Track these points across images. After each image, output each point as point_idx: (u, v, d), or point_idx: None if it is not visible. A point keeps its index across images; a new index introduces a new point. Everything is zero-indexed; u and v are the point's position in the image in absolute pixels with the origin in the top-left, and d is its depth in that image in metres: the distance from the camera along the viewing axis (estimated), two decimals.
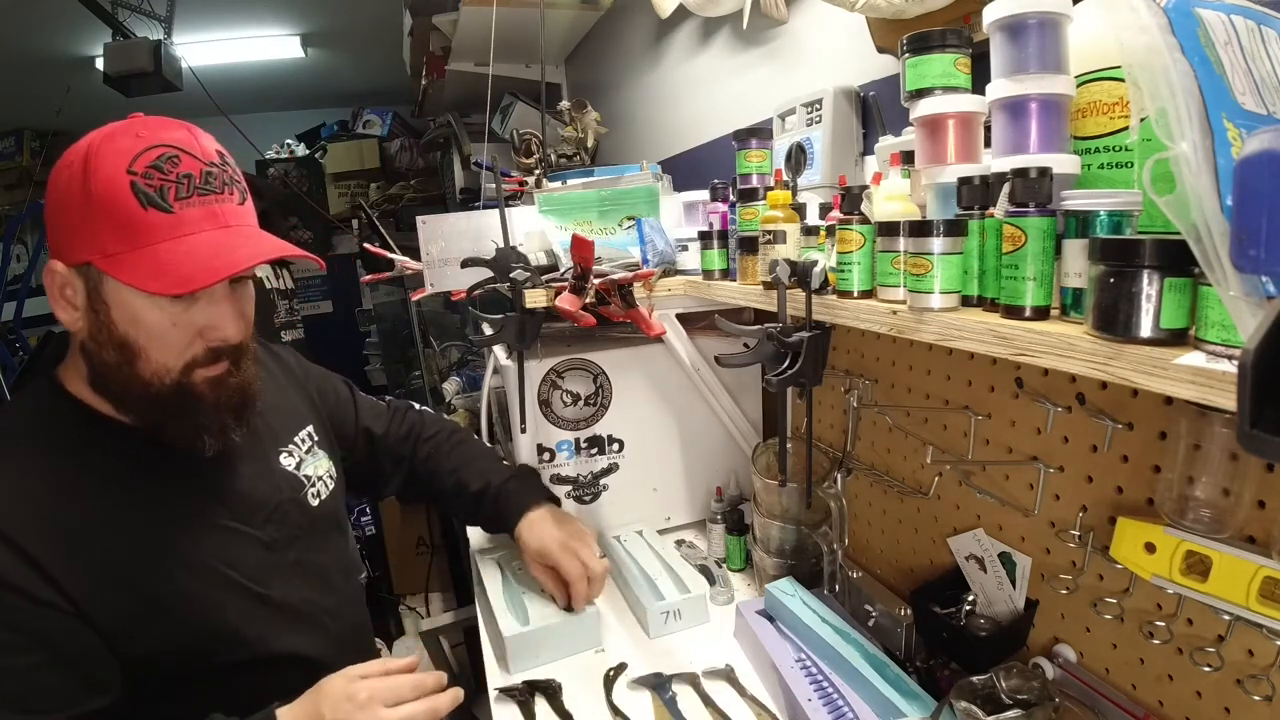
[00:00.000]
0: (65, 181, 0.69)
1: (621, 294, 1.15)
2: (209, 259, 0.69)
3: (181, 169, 0.69)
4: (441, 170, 3.66)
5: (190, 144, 0.71)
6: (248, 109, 3.91)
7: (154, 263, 0.68)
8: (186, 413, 0.75)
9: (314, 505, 0.93)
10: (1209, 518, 0.64)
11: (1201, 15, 0.50)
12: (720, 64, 1.59)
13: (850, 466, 1.16)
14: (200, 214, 0.70)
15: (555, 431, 1.31)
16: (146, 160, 0.68)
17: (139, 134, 0.69)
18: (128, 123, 0.71)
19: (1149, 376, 0.46)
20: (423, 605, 2.47)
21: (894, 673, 0.89)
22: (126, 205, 0.67)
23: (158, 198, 0.68)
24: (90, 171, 0.67)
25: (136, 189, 0.67)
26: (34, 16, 2.66)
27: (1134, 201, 0.53)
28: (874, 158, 0.99)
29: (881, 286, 0.73)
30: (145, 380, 0.72)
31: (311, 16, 3.14)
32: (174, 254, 0.68)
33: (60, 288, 0.71)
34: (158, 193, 0.68)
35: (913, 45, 0.70)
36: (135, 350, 0.71)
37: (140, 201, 0.67)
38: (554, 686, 1.02)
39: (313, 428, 0.99)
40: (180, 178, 0.69)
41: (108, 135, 0.69)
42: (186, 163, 0.70)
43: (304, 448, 0.96)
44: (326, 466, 0.98)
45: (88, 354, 0.73)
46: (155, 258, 0.68)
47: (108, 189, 0.67)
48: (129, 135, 0.69)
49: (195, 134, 0.73)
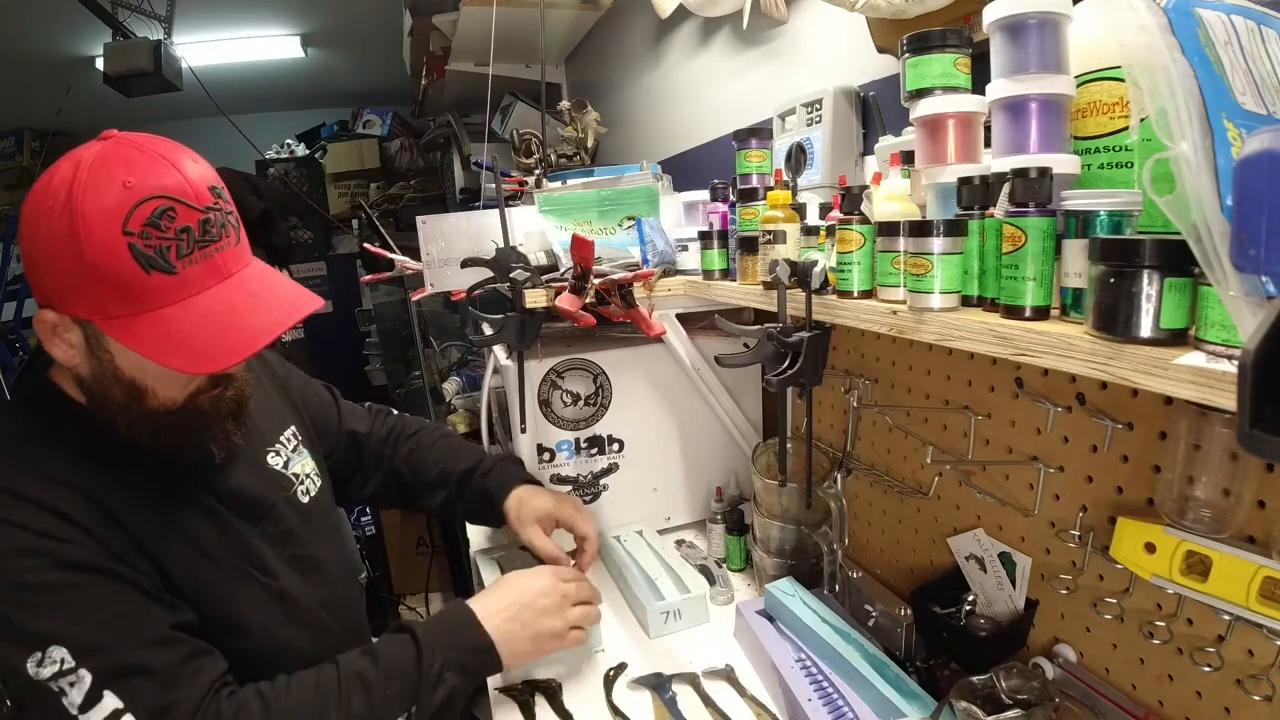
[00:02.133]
0: (48, 234, 0.64)
1: (621, 294, 1.15)
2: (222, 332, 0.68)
3: (179, 223, 0.66)
4: (441, 170, 3.65)
5: (183, 190, 0.67)
6: (248, 109, 3.91)
7: (164, 331, 0.66)
8: (193, 430, 0.77)
9: (305, 502, 0.94)
10: (1209, 518, 0.64)
11: (1201, 15, 0.50)
12: (720, 64, 1.59)
13: (850, 466, 1.16)
14: (202, 270, 0.68)
15: (555, 431, 1.31)
16: (141, 217, 0.64)
17: (126, 183, 0.64)
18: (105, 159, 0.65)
19: (1149, 376, 0.46)
20: (423, 605, 2.47)
21: (894, 673, 0.89)
22: (127, 270, 0.64)
23: (159, 259, 0.65)
24: (79, 234, 0.63)
25: (136, 251, 0.64)
26: (34, 16, 2.66)
27: (1134, 201, 0.53)
28: (874, 158, 0.99)
29: (881, 286, 0.73)
30: (152, 411, 0.74)
31: (311, 16, 3.14)
32: (184, 322, 0.67)
33: (53, 329, 0.69)
34: (158, 253, 0.65)
35: (913, 45, 0.70)
36: (142, 389, 0.72)
37: (142, 266, 0.64)
38: (554, 686, 1.02)
39: (295, 428, 1.00)
40: (178, 233, 0.66)
41: (90, 185, 0.63)
42: (183, 214, 0.66)
43: (290, 446, 0.97)
44: (312, 465, 0.99)
45: (87, 390, 0.73)
46: (164, 326, 0.66)
47: (103, 254, 0.63)
48: (115, 185, 0.64)
49: (184, 171, 0.68)
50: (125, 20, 2.55)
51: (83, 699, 0.63)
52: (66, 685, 0.63)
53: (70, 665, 0.63)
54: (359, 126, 4.48)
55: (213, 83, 2.97)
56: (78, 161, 0.65)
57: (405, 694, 0.78)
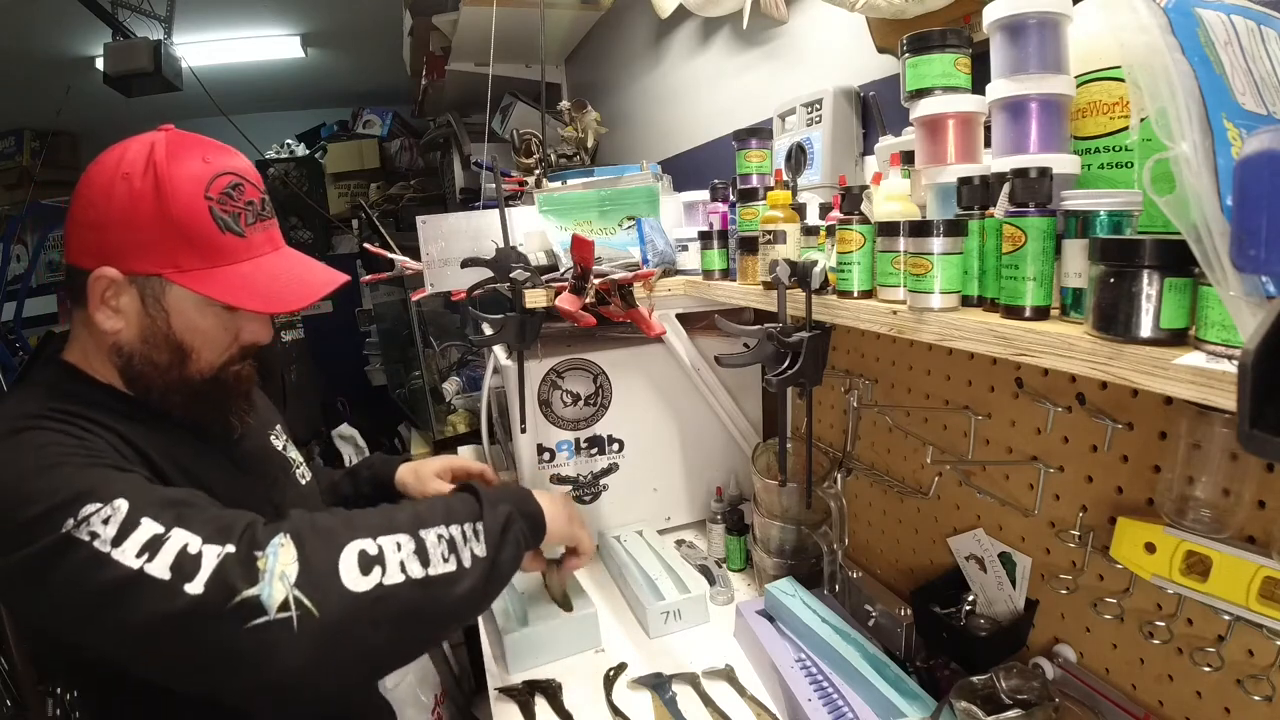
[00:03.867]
0: (126, 195, 0.71)
1: (621, 294, 1.15)
2: (293, 281, 0.79)
3: (246, 196, 0.77)
4: (441, 170, 3.65)
5: (248, 172, 0.78)
6: (248, 109, 3.91)
7: (240, 281, 0.75)
8: (220, 401, 0.82)
9: (303, 484, 0.98)
10: (1209, 518, 0.64)
11: (1201, 15, 0.50)
12: (720, 64, 1.59)
13: (850, 466, 1.16)
14: (263, 238, 0.79)
15: (555, 431, 1.31)
16: (219, 187, 0.74)
17: (205, 159, 0.75)
18: (181, 140, 0.75)
19: (1149, 376, 0.46)
20: None
21: (894, 673, 0.89)
22: (206, 228, 0.73)
23: (233, 223, 0.75)
24: (165, 193, 0.71)
25: (214, 214, 0.74)
26: (34, 16, 2.66)
27: (1134, 201, 0.53)
28: (874, 158, 0.99)
29: (881, 286, 0.73)
30: (189, 376, 0.78)
31: (311, 16, 3.14)
32: (256, 274, 0.77)
33: (104, 293, 0.73)
34: (232, 218, 0.75)
35: (913, 45, 0.70)
36: (188, 350, 0.77)
37: (219, 226, 0.74)
38: (554, 686, 1.02)
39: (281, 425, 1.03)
40: (246, 205, 0.77)
41: (171, 155, 0.72)
42: (249, 190, 0.78)
43: (283, 437, 1.01)
44: (301, 458, 1.02)
45: (127, 354, 0.76)
46: (239, 276, 0.76)
47: (187, 211, 0.72)
48: (195, 159, 0.74)
49: (246, 160, 0.80)
50: (125, 20, 2.54)
51: (116, 531, 0.58)
52: (99, 524, 0.58)
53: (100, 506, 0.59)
54: (359, 126, 4.48)
55: (213, 83, 2.97)
56: (150, 141, 0.74)
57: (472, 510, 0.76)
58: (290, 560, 0.61)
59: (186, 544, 0.59)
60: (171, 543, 0.59)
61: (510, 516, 0.79)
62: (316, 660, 0.60)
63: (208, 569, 0.58)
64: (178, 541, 0.59)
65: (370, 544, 0.66)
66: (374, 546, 0.66)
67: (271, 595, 0.58)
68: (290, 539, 0.63)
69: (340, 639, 0.61)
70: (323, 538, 0.65)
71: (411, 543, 0.68)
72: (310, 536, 0.64)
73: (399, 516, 0.71)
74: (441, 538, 0.71)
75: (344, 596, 0.62)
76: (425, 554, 0.68)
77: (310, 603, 0.60)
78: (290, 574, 0.60)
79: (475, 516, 0.75)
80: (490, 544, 0.74)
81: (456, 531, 0.72)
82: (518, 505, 0.82)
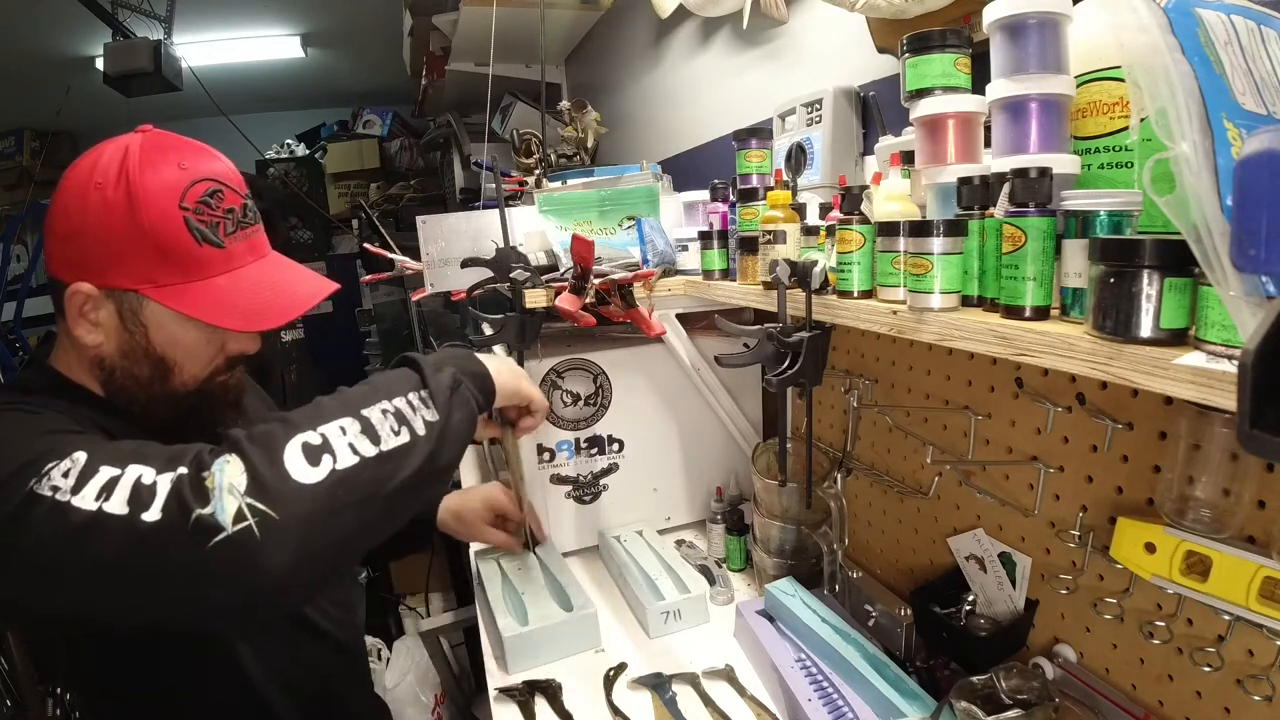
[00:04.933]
0: (99, 206, 0.68)
1: (621, 294, 1.15)
2: (274, 296, 0.76)
3: (226, 204, 0.74)
4: (441, 170, 3.65)
5: (229, 176, 0.75)
6: (248, 109, 3.91)
7: (216, 297, 0.72)
8: (205, 412, 0.79)
9: None
10: (1209, 518, 0.64)
11: (1201, 15, 0.50)
12: (720, 64, 1.59)
13: (850, 466, 1.16)
14: (244, 247, 0.76)
15: (555, 431, 1.31)
16: (196, 195, 0.71)
17: (181, 164, 0.71)
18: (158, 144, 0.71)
19: (1149, 376, 0.46)
20: (423, 605, 2.46)
21: (894, 673, 0.89)
22: (181, 240, 0.70)
23: (210, 234, 0.72)
24: (138, 204, 0.68)
25: (190, 225, 0.70)
26: (34, 16, 2.66)
27: (1134, 201, 0.53)
28: (874, 158, 0.99)
29: (881, 286, 0.73)
30: (173, 389, 0.76)
31: (311, 16, 3.14)
32: (235, 288, 0.74)
33: (81, 307, 0.71)
34: (210, 228, 0.72)
35: (913, 45, 0.70)
36: (170, 365, 0.75)
37: (195, 237, 0.71)
38: (554, 686, 1.02)
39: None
40: (226, 213, 0.74)
41: (146, 162, 0.69)
42: (229, 197, 0.74)
43: None
44: None
45: (108, 368, 0.74)
46: (216, 291, 0.72)
47: (160, 223, 0.69)
48: (170, 165, 0.70)
49: (226, 162, 0.76)
50: (125, 20, 2.55)
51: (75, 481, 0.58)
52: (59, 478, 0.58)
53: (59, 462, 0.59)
54: (359, 126, 4.48)
55: (213, 83, 2.97)
56: (124, 146, 0.70)
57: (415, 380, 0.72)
58: (238, 472, 0.59)
59: (140, 475, 0.58)
60: (126, 478, 0.58)
61: (455, 378, 0.75)
62: (289, 560, 0.58)
63: (161, 495, 0.58)
64: (132, 475, 0.58)
65: (313, 435, 0.63)
66: (317, 436, 0.63)
67: (224, 510, 0.57)
68: (233, 453, 0.61)
69: (307, 532, 0.60)
70: (264, 442, 0.62)
71: (356, 424, 0.65)
72: (251, 445, 0.62)
73: (337, 402, 0.68)
74: (387, 412, 0.68)
75: (299, 491, 0.60)
76: (374, 431, 0.66)
77: (266, 507, 0.58)
78: (239, 485, 0.58)
79: (418, 385, 0.72)
80: (440, 407, 0.71)
81: (402, 403, 0.69)
82: (461, 367, 0.79)
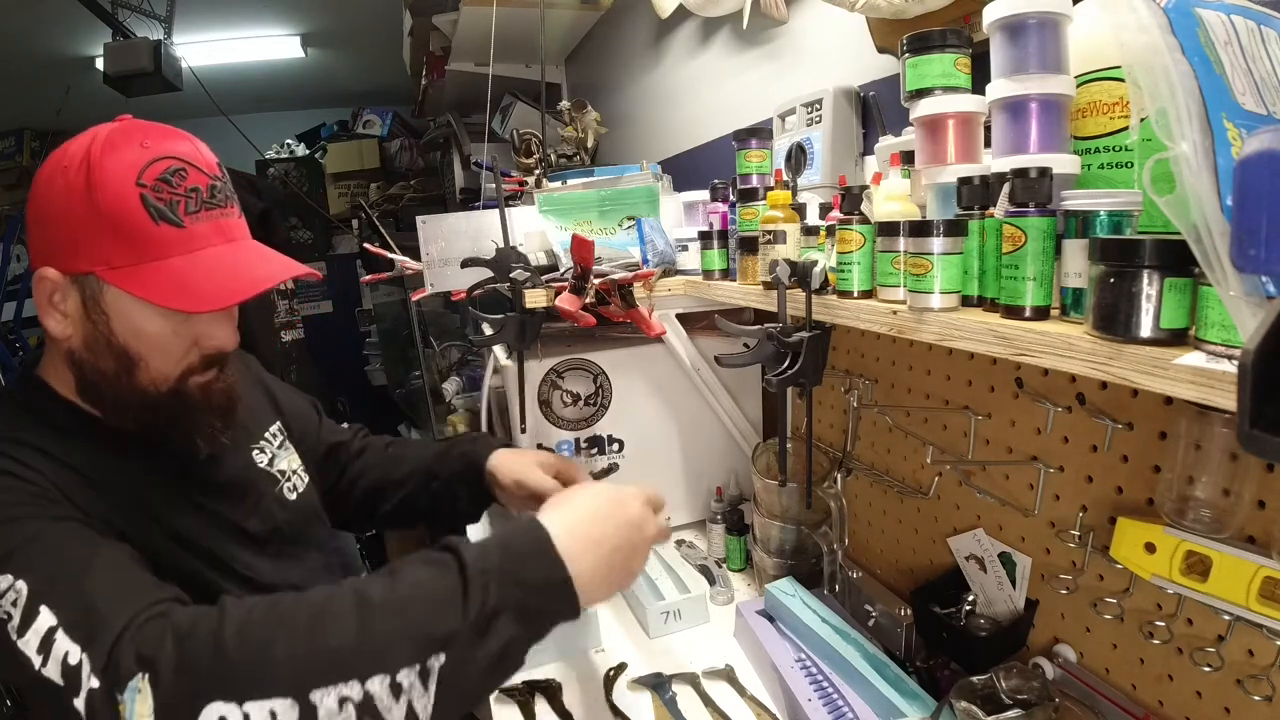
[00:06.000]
0: (62, 189, 0.66)
1: (621, 294, 1.15)
2: (229, 278, 0.70)
3: (189, 183, 0.69)
4: (441, 170, 3.65)
5: (195, 156, 0.71)
6: (248, 109, 3.91)
7: (170, 278, 0.68)
8: (180, 417, 0.75)
9: (291, 499, 0.92)
10: (1209, 518, 0.64)
11: (1201, 15, 0.50)
12: (720, 64, 1.59)
13: (850, 466, 1.16)
14: (209, 229, 0.71)
15: (555, 431, 1.31)
16: (155, 173, 0.67)
17: (144, 144, 0.68)
18: (125, 129, 0.69)
19: (1149, 376, 0.46)
20: None
21: (894, 673, 0.89)
22: (136, 218, 0.67)
23: (169, 212, 0.68)
24: (95, 183, 0.65)
25: (146, 202, 0.67)
26: (34, 16, 2.66)
27: (1134, 201, 0.53)
28: (874, 158, 0.99)
29: (881, 286, 0.73)
30: (142, 388, 0.72)
31: (311, 16, 3.14)
32: (191, 270, 0.68)
33: (49, 295, 0.69)
34: (168, 206, 0.68)
35: (913, 45, 0.70)
36: (134, 359, 0.71)
37: (151, 215, 0.67)
38: (554, 686, 1.02)
39: (280, 424, 0.98)
40: (189, 191, 0.69)
41: (108, 144, 0.67)
42: (194, 176, 0.70)
43: (275, 443, 0.95)
44: (297, 462, 0.97)
45: (78, 363, 0.72)
46: (170, 272, 0.68)
47: (115, 202, 0.66)
48: (133, 145, 0.68)
49: (197, 144, 0.73)
50: (125, 20, 2.55)
51: (20, 618, 0.56)
52: (9, 605, 0.56)
53: (10, 583, 0.57)
54: (359, 126, 4.48)
55: (213, 83, 2.97)
56: (96, 131, 0.68)
57: (427, 636, 0.55)
58: (146, 711, 0.52)
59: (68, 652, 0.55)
60: (58, 645, 0.55)
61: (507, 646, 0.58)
62: None
63: (85, 688, 0.54)
64: (61, 646, 0.55)
65: (233, 711, 0.51)
66: (238, 715, 0.51)
67: None
68: (148, 683, 0.52)
69: None
70: (185, 686, 0.52)
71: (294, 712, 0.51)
72: (172, 681, 0.52)
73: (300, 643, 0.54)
74: (347, 702, 0.52)
75: None
76: None
77: None
78: None
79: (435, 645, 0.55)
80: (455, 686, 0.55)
81: (380, 686, 0.53)
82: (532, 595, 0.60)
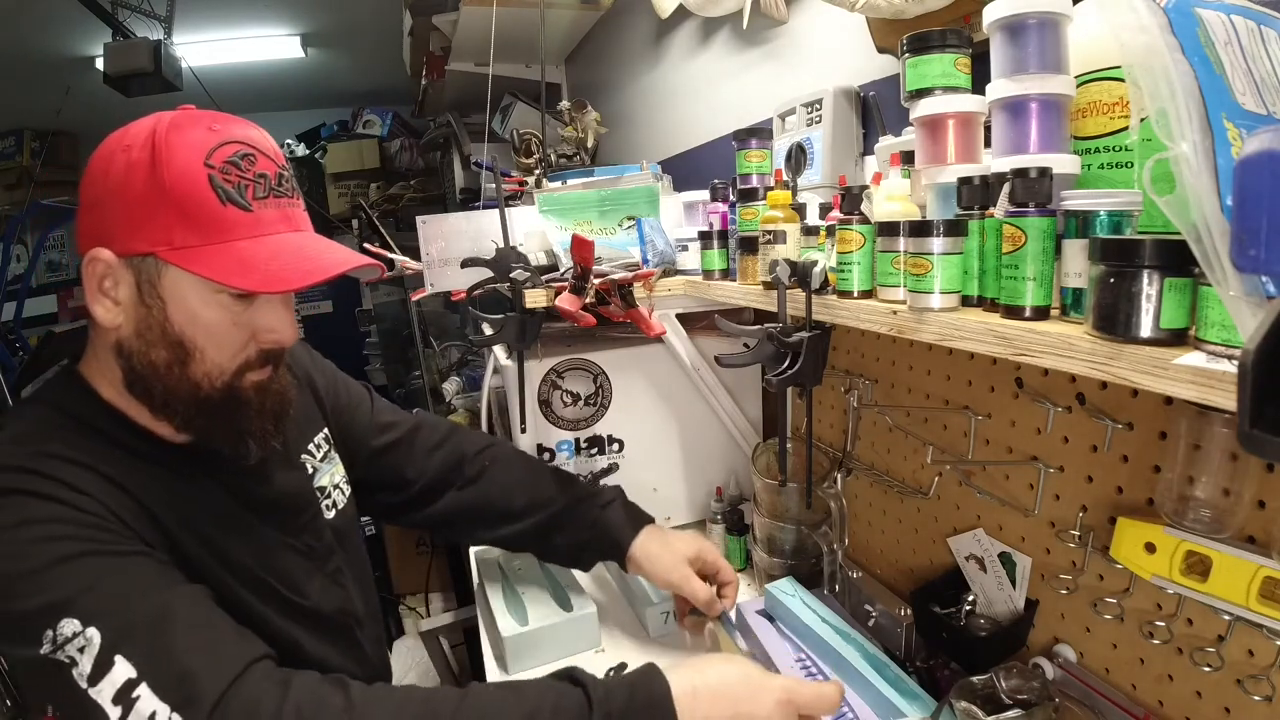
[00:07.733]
0: (124, 167, 0.64)
1: (621, 294, 1.15)
2: (298, 261, 0.68)
3: (258, 168, 0.68)
4: (441, 170, 3.65)
5: (264, 144, 0.70)
6: (248, 109, 3.88)
7: (237, 259, 0.65)
8: (232, 417, 0.72)
9: (331, 517, 0.90)
10: (1209, 518, 0.64)
11: (1201, 15, 0.50)
12: (720, 64, 1.59)
13: (850, 466, 1.16)
14: (276, 215, 0.69)
15: (555, 431, 1.31)
16: (223, 155, 0.66)
17: (212, 127, 0.67)
18: (192, 113, 0.68)
19: (1149, 376, 0.46)
20: (423, 605, 2.47)
21: (894, 673, 0.89)
22: (204, 199, 0.65)
23: (236, 195, 0.66)
24: (161, 161, 0.63)
25: (214, 183, 0.65)
26: (34, 16, 2.66)
27: (1134, 201, 0.53)
28: (874, 158, 0.99)
29: (881, 286, 0.73)
30: (195, 382, 0.69)
31: (311, 16, 3.15)
32: (257, 252, 0.66)
33: (100, 279, 0.66)
34: (236, 189, 0.66)
35: (913, 45, 0.70)
36: (190, 349, 0.68)
37: (219, 196, 0.65)
38: None
39: (327, 431, 0.95)
40: (257, 176, 0.68)
41: (174, 125, 0.66)
42: (262, 162, 0.68)
43: (319, 455, 0.92)
44: (341, 474, 0.95)
45: (126, 354, 0.68)
46: (237, 254, 0.66)
47: (182, 180, 0.64)
48: (200, 127, 0.66)
49: (264, 134, 0.71)
50: (125, 20, 2.55)
51: (92, 667, 0.55)
52: (75, 651, 0.56)
53: (78, 629, 0.56)
54: (359, 126, 4.48)
55: (213, 83, 2.97)
56: (160, 115, 0.67)
57: None
58: None
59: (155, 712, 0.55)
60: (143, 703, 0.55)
61: None
62: None
63: None
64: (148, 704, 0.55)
65: None
66: None
67: None
68: None
69: None
70: None
71: None
72: None
73: None
74: None
75: None
76: None
77: None
78: None
79: None
80: None
81: None
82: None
